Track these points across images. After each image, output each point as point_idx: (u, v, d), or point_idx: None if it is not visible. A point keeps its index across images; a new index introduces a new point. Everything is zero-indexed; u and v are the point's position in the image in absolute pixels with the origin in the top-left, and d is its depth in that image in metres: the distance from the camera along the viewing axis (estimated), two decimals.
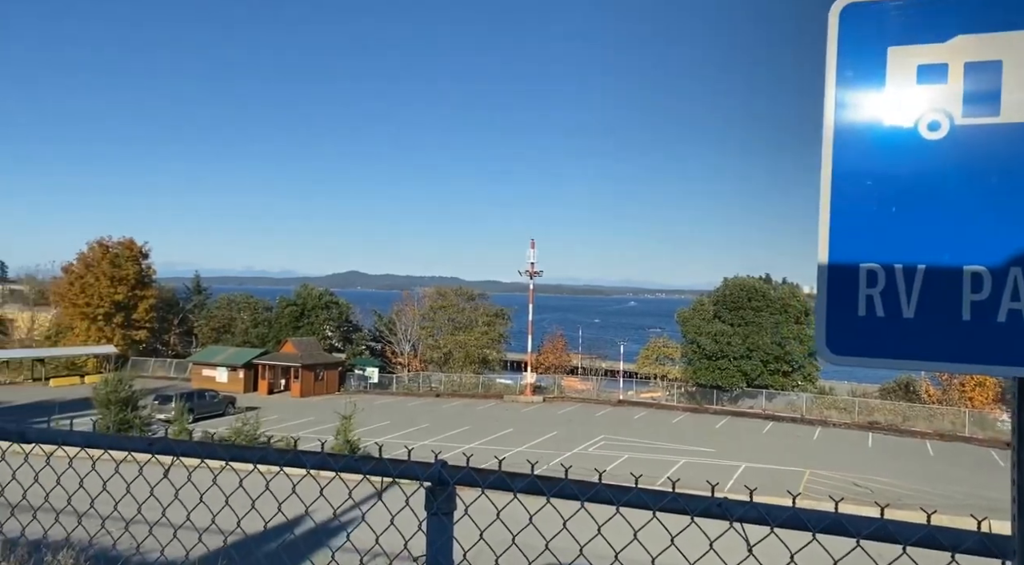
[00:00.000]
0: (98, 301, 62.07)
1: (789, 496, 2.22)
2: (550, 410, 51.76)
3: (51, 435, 2.63)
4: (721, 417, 50.43)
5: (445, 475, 2.22)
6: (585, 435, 40.18)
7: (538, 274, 61.65)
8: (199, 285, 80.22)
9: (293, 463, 2.36)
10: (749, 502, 1.97)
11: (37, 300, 74.03)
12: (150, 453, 2.46)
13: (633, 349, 71.57)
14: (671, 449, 36.80)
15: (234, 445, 2.37)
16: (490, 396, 58.28)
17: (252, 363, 57.19)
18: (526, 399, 56.40)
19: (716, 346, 54.04)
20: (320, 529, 3.36)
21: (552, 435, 39.93)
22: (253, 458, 2.37)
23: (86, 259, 64.32)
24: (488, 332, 66.51)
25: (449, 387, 60.62)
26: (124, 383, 32.63)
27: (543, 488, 2.12)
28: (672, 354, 62.14)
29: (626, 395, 58.29)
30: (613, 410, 52.61)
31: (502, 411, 50.55)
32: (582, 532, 2.20)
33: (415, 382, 62.09)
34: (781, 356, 53.37)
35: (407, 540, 2.25)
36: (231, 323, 69.88)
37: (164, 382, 57.86)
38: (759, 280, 58.11)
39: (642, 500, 2.04)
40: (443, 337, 66.43)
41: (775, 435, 43.64)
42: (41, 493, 2.75)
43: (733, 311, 54.84)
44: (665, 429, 44.02)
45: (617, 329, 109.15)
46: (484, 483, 2.17)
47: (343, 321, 71.27)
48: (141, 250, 67.10)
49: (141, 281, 65.86)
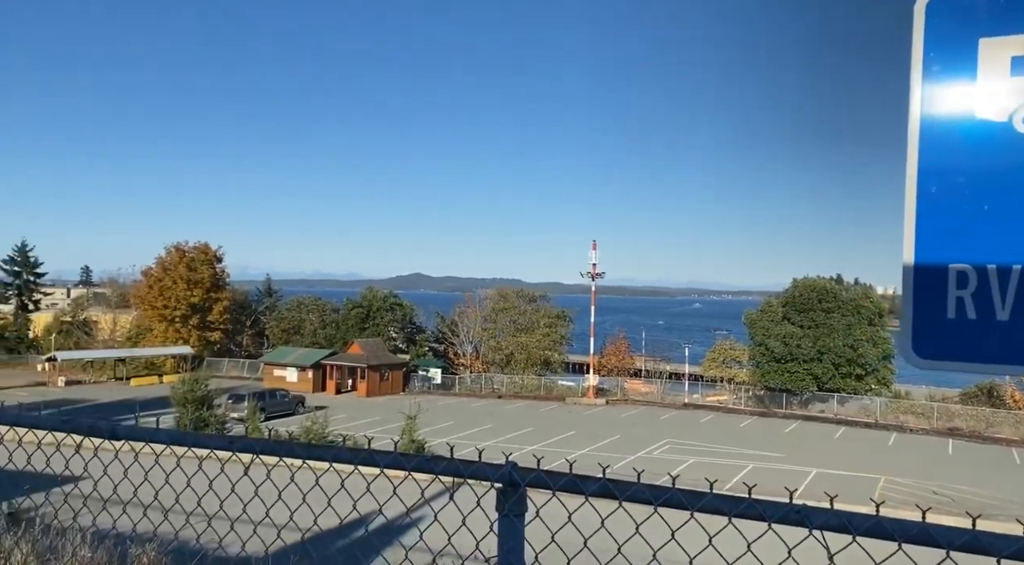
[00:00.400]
0: (175, 303, 64.62)
1: (864, 503, 2.14)
2: (613, 413, 51.34)
3: (139, 433, 2.74)
4: (790, 421, 49.12)
5: (516, 477, 2.22)
6: (649, 439, 39.70)
7: (600, 276, 61.24)
8: (270, 288, 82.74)
9: (367, 462, 2.40)
10: (830, 509, 1.91)
11: (119, 303, 77.50)
12: (231, 451, 2.55)
13: (698, 352, 70.38)
14: (738, 454, 36.02)
15: (310, 444, 2.44)
16: (552, 398, 58.18)
17: (320, 363, 58.58)
18: (588, 401, 56.08)
19: (785, 349, 52.68)
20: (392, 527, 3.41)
21: (615, 438, 39.60)
22: (328, 457, 2.43)
23: (164, 263, 67.06)
24: (550, 334, 66.43)
25: (511, 388, 60.80)
26: (200, 383, 33.86)
27: (615, 491, 2.10)
28: (739, 357, 60.81)
29: (691, 398, 57.36)
30: (678, 413, 51.83)
31: (564, 413, 50.40)
32: (655, 537, 2.18)
33: (477, 383, 62.52)
34: (854, 359, 51.63)
35: (479, 541, 2.27)
36: (300, 324, 71.78)
37: (237, 382, 59.76)
38: (830, 281, 56.40)
39: (716, 505, 2.01)
40: (505, 339, 66.67)
41: (847, 440, 42.24)
42: (130, 488, 2.88)
43: (803, 313, 53.36)
44: (732, 433, 43.13)
45: (682, 331, 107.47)
46: (555, 485, 2.16)
47: (407, 322, 72.36)
48: (215, 254, 69.58)
49: (216, 284, 68.27)
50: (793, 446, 38.95)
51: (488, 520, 2.25)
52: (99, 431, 2.72)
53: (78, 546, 5.94)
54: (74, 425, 2.74)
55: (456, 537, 2.34)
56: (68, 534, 5.86)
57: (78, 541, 5.98)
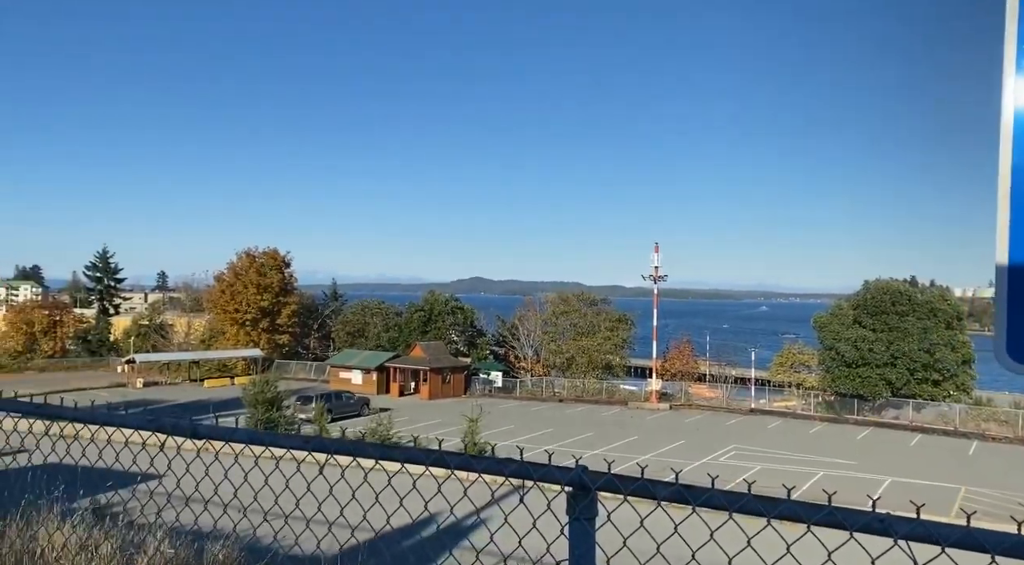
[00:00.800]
0: (246, 307, 66.72)
1: (944, 514, 2.05)
2: (677, 418, 50.60)
3: (219, 432, 2.83)
4: (863, 428, 47.48)
5: (586, 480, 2.21)
6: (714, 444, 38.96)
7: (663, 278, 60.49)
8: (335, 292, 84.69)
9: (438, 463, 2.43)
10: (915, 519, 1.84)
11: (193, 307, 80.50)
12: (306, 450, 2.61)
13: (765, 356, 68.72)
14: (808, 461, 35.01)
15: (383, 445, 2.48)
16: (614, 402, 57.72)
17: (384, 366, 59.54)
18: (651, 406, 55.42)
19: (857, 353, 50.97)
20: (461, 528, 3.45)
21: (680, 443, 39.01)
22: (400, 457, 2.47)
23: (235, 268, 69.33)
24: (611, 337, 65.92)
25: (572, 392, 60.58)
26: (270, 384, 34.90)
27: (689, 497, 2.07)
28: (808, 361, 59.13)
29: (758, 403, 56.06)
30: (744, 419, 50.73)
31: (627, 417, 49.92)
32: (729, 544, 2.14)
33: (538, 387, 62.50)
34: (930, 364, 49.56)
35: (549, 544, 2.27)
36: (365, 327, 73.15)
37: (305, 383, 61.25)
38: (904, 283, 54.34)
39: (795, 512, 1.96)
40: (566, 342, 66.46)
41: (924, 448, 40.57)
42: (209, 486, 2.98)
43: (875, 316, 51.54)
44: (801, 440, 41.95)
45: (748, 335, 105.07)
46: (627, 490, 2.15)
47: (468, 326, 72.94)
48: (284, 259, 71.59)
49: (284, 288, 70.23)
50: (866, 453, 37.63)
51: (559, 523, 2.24)
52: (182, 430, 2.83)
53: (159, 542, 6.17)
54: (158, 424, 2.86)
55: (525, 539, 2.34)
56: (150, 530, 6.11)
57: (159, 537, 6.22)
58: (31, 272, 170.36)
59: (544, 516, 2.37)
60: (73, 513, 7.02)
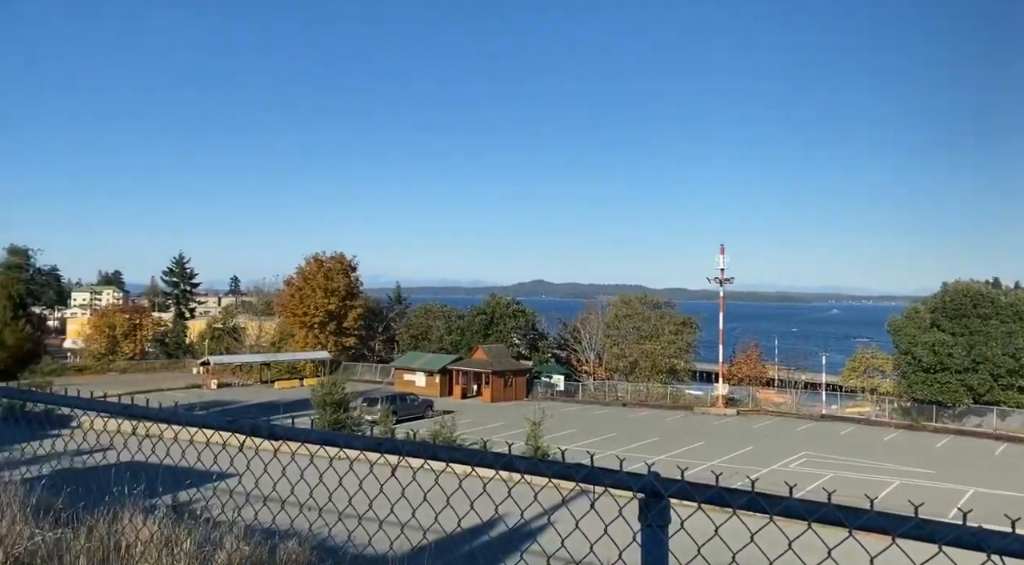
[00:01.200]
0: (314, 311, 68.41)
1: None
2: (744, 423, 49.50)
3: (295, 433, 2.91)
4: (942, 436, 45.51)
5: (659, 487, 2.18)
6: (784, 451, 37.95)
7: (729, 281, 59.31)
8: (399, 295, 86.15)
9: (507, 467, 2.43)
10: (1011, 534, 1.75)
11: (264, 310, 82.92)
12: (379, 452, 2.66)
13: (837, 360, 66.60)
14: (883, 469, 33.76)
15: (454, 447, 2.50)
16: (679, 407, 56.85)
17: (446, 368, 60.13)
18: (718, 411, 54.37)
19: (935, 358, 48.87)
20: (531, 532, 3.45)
21: (747, 450, 38.13)
22: (471, 461, 2.49)
23: (304, 273, 71.20)
24: (675, 341, 64.97)
25: (636, 396, 59.94)
26: (337, 386, 35.66)
27: (765, 506, 2.02)
28: (883, 366, 57.01)
29: (830, 409, 54.37)
30: (815, 425, 49.26)
31: (692, 423, 49.11)
32: (808, 555, 2.08)
33: (601, 390, 62.07)
34: (1016, 369, 47.13)
35: (621, 550, 2.25)
36: (428, 330, 74.06)
37: (370, 385, 62.35)
38: (985, 285, 51.86)
39: (879, 524, 1.88)
40: (628, 346, 65.83)
41: (1010, 458, 38.60)
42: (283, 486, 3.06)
43: (955, 319, 49.32)
44: (876, 447, 40.47)
45: (818, 339, 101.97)
46: (701, 497, 2.11)
47: (529, 329, 73.02)
48: (350, 263, 73.15)
49: (350, 292, 71.74)
50: (945, 462, 36.04)
51: (630, 529, 2.22)
52: (259, 431, 2.91)
53: (235, 539, 6.37)
54: (238, 426, 2.95)
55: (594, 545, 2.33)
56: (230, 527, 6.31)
57: (236, 534, 6.42)
58: (113, 278, 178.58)
59: (614, 521, 2.35)
60: (155, 510, 7.32)
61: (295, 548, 6.93)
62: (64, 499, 7.14)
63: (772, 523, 2.00)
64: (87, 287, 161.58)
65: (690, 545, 2.25)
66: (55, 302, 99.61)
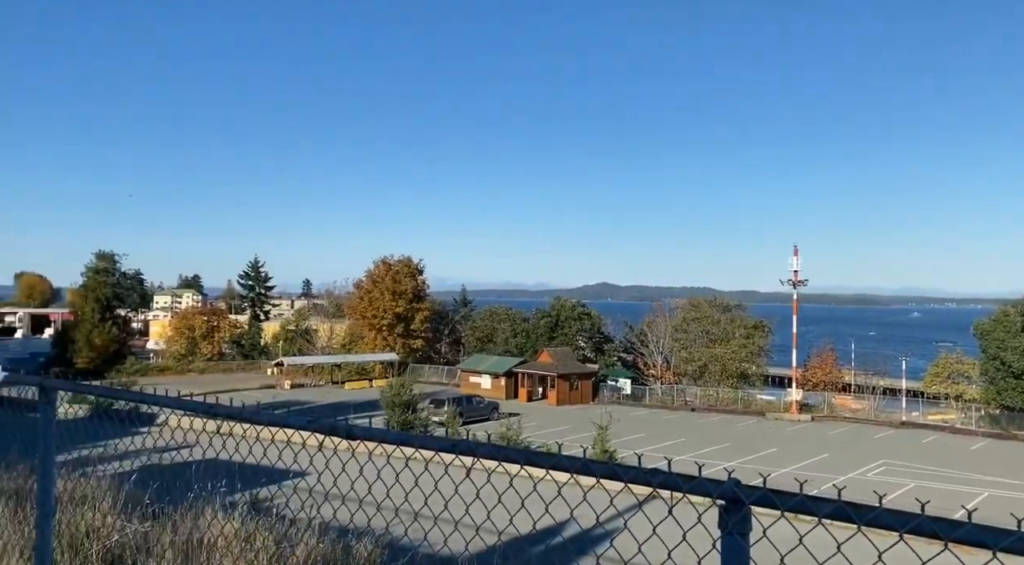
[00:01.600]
0: (382, 313, 69.69)
1: None
2: (819, 430, 47.97)
3: (371, 433, 2.96)
4: None
5: (740, 494, 2.13)
6: (861, 459, 36.61)
7: (803, 283, 57.67)
8: (465, 298, 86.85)
9: (583, 471, 2.41)
10: None
11: (335, 313, 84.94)
12: (453, 453, 2.68)
13: (918, 365, 63.88)
14: (969, 479, 32.18)
15: (529, 450, 2.50)
16: (750, 412, 55.53)
17: (512, 371, 60.30)
18: (791, 417, 52.87)
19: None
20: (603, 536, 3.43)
21: (823, 457, 36.95)
22: (546, 463, 2.48)
23: (373, 276, 72.63)
24: (746, 345, 63.52)
25: (705, 401, 58.85)
26: (405, 388, 36.21)
27: (854, 516, 1.95)
28: (968, 371, 54.43)
29: (910, 416, 52.16)
30: (895, 432, 47.35)
31: (764, 428, 47.89)
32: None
33: (669, 395, 61.16)
34: None
35: (700, 557, 2.20)
36: (493, 333, 74.48)
37: (437, 387, 63.06)
38: None
39: (978, 537, 1.79)
40: (697, 349, 64.71)
41: None
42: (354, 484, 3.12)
43: None
44: (961, 456, 38.62)
45: (898, 343, 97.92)
46: (784, 505, 2.04)
47: (595, 332, 72.61)
48: (417, 267, 74.23)
49: (417, 295, 72.79)
50: None
51: (709, 536, 2.17)
52: (338, 431, 2.97)
53: (309, 535, 6.54)
54: (317, 425, 3.02)
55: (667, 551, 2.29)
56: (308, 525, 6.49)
57: (312, 531, 6.59)
58: (192, 281, 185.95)
59: (693, 528, 2.31)
60: (233, 506, 7.59)
61: (369, 547, 7.07)
62: (151, 494, 7.48)
63: (861, 533, 1.93)
64: (168, 290, 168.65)
65: (770, 554, 2.19)
66: (139, 305, 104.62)
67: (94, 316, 68.04)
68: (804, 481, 2.23)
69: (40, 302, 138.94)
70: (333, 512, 3.59)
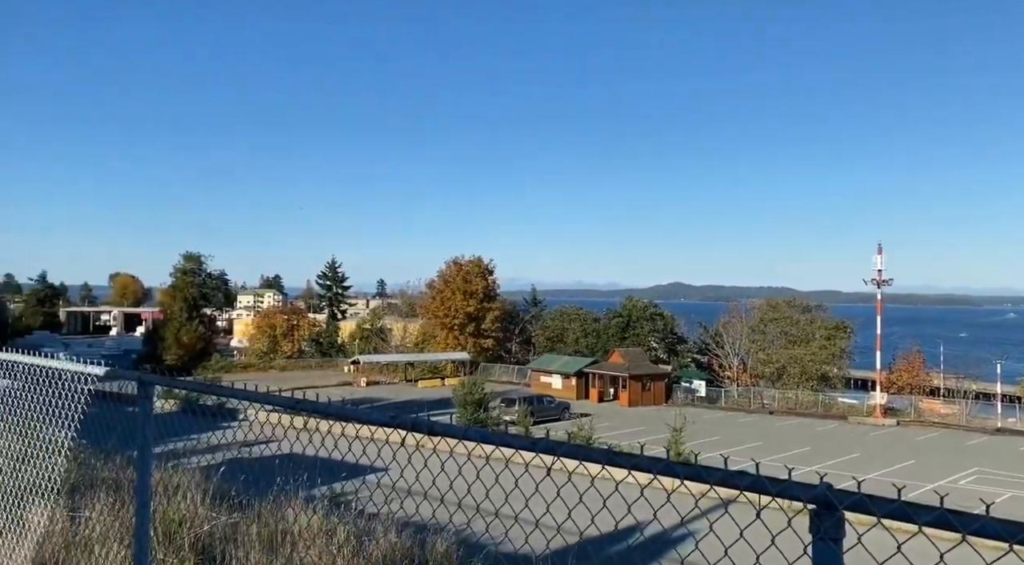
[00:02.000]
0: (454, 313, 70.55)
1: None
2: (905, 435, 45.96)
3: (452, 430, 2.99)
4: None
5: (832, 498, 2.06)
6: (952, 466, 34.87)
7: (887, 282, 55.33)
8: (535, 298, 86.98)
9: (666, 472, 2.38)
10: None
11: (408, 312, 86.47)
12: (533, 451, 2.68)
13: (1014, 369, 60.49)
14: None
15: (609, 450, 2.48)
16: (831, 416, 53.69)
17: (583, 371, 60.03)
18: (875, 421, 50.84)
19: None
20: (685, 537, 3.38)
21: (909, 463, 35.39)
22: (627, 464, 2.46)
23: (444, 276, 73.64)
24: (827, 346, 61.45)
25: (783, 404, 57.22)
26: (477, 386, 36.57)
27: (957, 524, 1.86)
28: None
29: (1006, 422, 49.39)
30: (989, 439, 44.93)
31: (846, 433, 46.20)
32: None
33: (745, 397, 59.73)
34: None
35: (790, 563, 2.14)
36: (563, 333, 74.34)
37: (508, 386, 63.35)
38: None
39: None
40: (775, 351, 62.97)
41: None
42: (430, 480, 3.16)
43: None
44: None
45: (992, 345, 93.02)
46: (881, 511, 1.97)
47: (668, 332, 71.56)
48: (487, 267, 74.83)
49: (488, 295, 73.38)
50: None
51: (800, 541, 2.11)
52: (420, 427, 3.02)
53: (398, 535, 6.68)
54: (400, 421, 3.08)
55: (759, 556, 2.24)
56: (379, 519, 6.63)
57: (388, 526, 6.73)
58: (273, 281, 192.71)
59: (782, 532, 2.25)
60: (314, 500, 7.82)
61: (445, 543, 7.17)
62: (237, 487, 7.79)
63: (966, 543, 1.84)
64: (251, 290, 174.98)
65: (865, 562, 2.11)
66: (223, 304, 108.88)
67: (182, 315, 71.31)
68: (902, 486, 2.14)
69: (133, 301, 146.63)
70: (415, 507, 3.65)
